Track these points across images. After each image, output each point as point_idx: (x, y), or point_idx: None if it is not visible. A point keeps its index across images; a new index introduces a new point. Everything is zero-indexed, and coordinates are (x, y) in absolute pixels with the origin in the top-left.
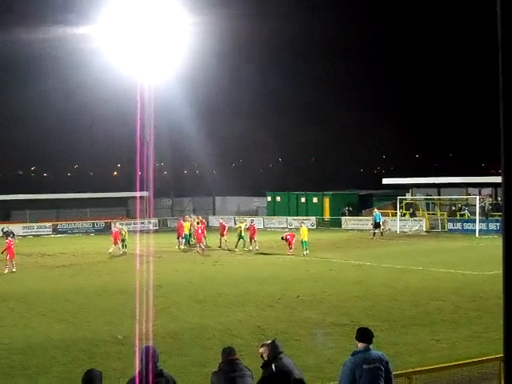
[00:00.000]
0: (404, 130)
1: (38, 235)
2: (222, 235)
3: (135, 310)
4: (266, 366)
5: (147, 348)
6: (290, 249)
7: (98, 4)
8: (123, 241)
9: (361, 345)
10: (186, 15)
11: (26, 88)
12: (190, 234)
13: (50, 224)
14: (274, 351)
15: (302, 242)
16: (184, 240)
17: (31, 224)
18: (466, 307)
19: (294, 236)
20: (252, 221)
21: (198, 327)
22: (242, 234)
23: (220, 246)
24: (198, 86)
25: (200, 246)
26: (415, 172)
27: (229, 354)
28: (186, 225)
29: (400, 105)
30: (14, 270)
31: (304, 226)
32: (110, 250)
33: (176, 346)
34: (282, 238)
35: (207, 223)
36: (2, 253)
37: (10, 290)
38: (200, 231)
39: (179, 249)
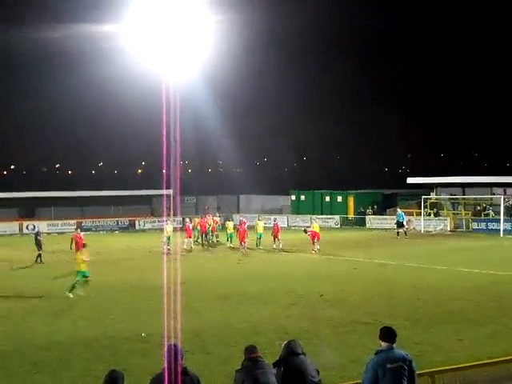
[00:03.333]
0: (429, 129)
1: (63, 232)
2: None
3: (159, 307)
4: (275, 364)
5: (172, 345)
6: (314, 247)
7: (123, 2)
8: (168, 238)
9: (384, 344)
10: (211, 13)
11: (50, 86)
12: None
13: (75, 221)
14: (288, 351)
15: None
16: (206, 237)
17: (56, 221)
18: (489, 307)
19: (316, 234)
20: (275, 219)
21: (221, 325)
22: (259, 232)
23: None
24: (223, 85)
25: (243, 246)
26: (440, 171)
27: (251, 351)
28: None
29: (425, 104)
30: None
31: (315, 223)
32: (185, 246)
33: (199, 344)
34: (305, 231)
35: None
36: (71, 248)
37: (34, 286)
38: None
39: (203, 247)
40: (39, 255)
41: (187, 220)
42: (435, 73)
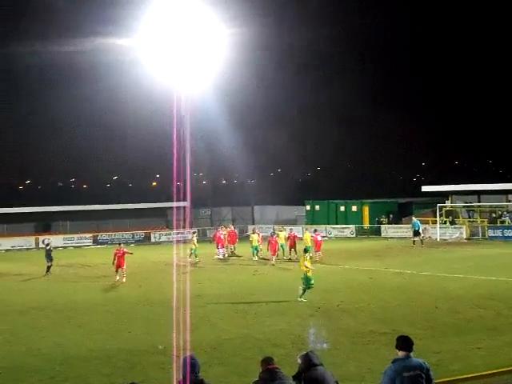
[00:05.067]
0: (443, 136)
1: (79, 246)
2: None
3: (175, 320)
4: (296, 376)
5: (189, 357)
6: (316, 254)
7: (137, 16)
8: (192, 250)
9: (401, 353)
10: (222, 26)
11: (65, 99)
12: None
13: (91, 235)
14: (307, 363)
15: (306, 247)
16: (222, 250)
17: (71, 235)
18: (506, 314)
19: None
20: (291, 230)
21: (238, 337)
22: (282, 242)
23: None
24: (235, 96)
25: (273, 259)
26: (455, 179)
27: (267, 363)
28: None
29: (439, 111)
30: (123, 279)
31: (307, 233)
32: (215, 257)
33: (217, 356)
34: (315, 231)
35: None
36: (113, 263)
37: (50, 300)
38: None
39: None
40: (48, 267)
41: (219, 230)
42: (448, 80)
